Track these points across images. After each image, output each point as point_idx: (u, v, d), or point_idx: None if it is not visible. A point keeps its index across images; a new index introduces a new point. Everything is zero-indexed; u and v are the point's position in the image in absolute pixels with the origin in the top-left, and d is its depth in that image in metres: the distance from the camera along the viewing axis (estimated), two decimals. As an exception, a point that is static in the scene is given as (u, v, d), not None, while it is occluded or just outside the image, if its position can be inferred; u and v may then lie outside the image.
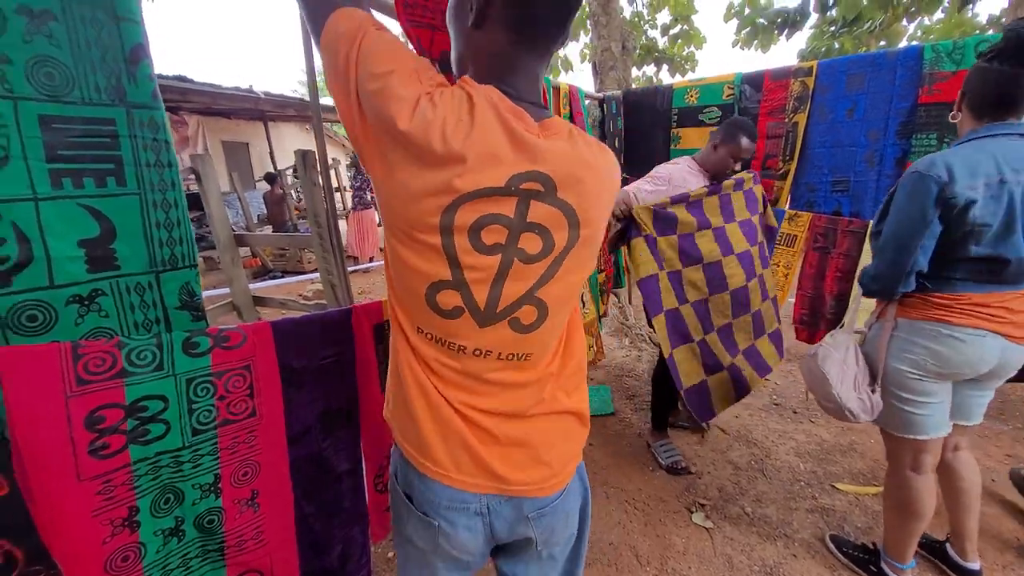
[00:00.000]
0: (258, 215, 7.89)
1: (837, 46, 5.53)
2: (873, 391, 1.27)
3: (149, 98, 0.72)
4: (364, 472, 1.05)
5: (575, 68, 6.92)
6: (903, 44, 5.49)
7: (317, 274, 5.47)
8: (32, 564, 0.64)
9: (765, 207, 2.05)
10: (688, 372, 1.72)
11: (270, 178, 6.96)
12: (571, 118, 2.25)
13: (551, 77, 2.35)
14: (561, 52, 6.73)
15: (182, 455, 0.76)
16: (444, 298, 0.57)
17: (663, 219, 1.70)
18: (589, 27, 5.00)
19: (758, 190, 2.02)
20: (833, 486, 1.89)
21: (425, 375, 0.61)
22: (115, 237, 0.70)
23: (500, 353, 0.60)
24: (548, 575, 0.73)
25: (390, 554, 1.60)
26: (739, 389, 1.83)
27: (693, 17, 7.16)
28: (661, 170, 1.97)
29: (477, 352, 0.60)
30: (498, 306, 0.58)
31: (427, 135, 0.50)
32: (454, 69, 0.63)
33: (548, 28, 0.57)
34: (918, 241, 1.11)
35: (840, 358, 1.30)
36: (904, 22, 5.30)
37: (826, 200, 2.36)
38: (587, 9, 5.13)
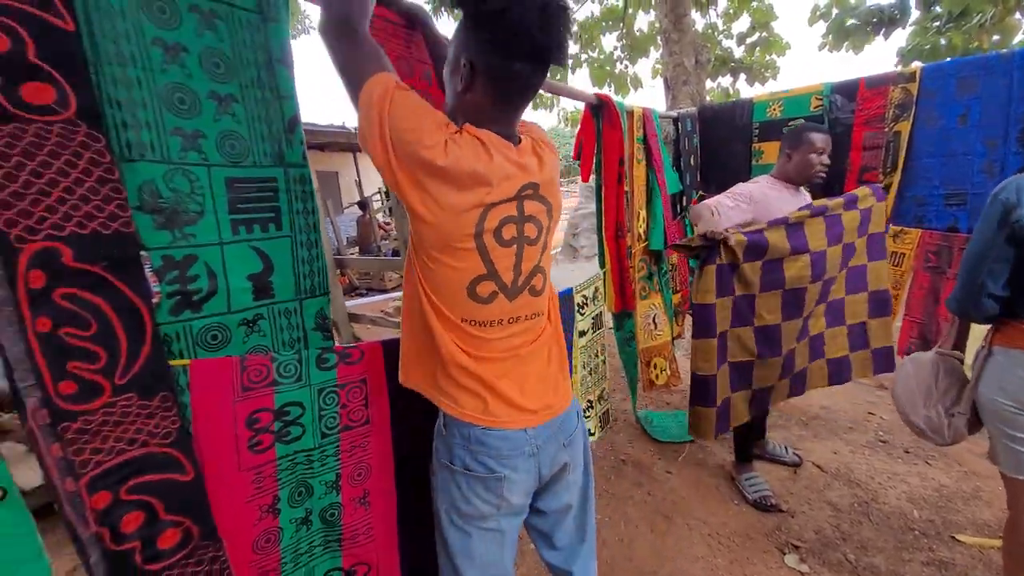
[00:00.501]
0: (347, 238, 8.65)
1: (944, 43, 4.95)
2: (953, 415, 1.20)
3: (300, 158, 0.88)
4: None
5: (645, 85, 6.83)
6: (1018, 38, 4.80)
7: (397, 292, 5.87)
8: (204, 540, 0.78)
9: (886, 227, 1.94)
10: (721, 388, 1.72)
11: (362, 205, 7.67)
12: (645, 140, 2.27)
13: (621, 99, 2.39)
14: (630, 70, 6.73)
15: (313, 454, 0.90)
16: (482, 288, 0.77)
17: (752, 247, 1.65)
18: (660, 43, 4.94)
19: (879, 208, 1.87)
20: (953, 537, 1.67)
21: (468, 359, 0.79)
22: (273, 271, 0.86)
23: (523, 315, 0.82)
24: (574, 494, 0.93)
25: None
26: (760, 403, 1.84)
27: (773, 24, 6.82)
28: (741, 188, 1.91)
29: (510, 320, 0.81)
30: (519, 280, 0.80)
31: (460, 166, 0.70)
32: (447, 114, 0.78)
33: (520, 94, 0.77)
34: (985, 264, 1.09)
35: (911, 372, 1.29)
36: (1017, 16, 4.64)
37: (939, 215, 2.12)
38: (658, 25, 5.10)
